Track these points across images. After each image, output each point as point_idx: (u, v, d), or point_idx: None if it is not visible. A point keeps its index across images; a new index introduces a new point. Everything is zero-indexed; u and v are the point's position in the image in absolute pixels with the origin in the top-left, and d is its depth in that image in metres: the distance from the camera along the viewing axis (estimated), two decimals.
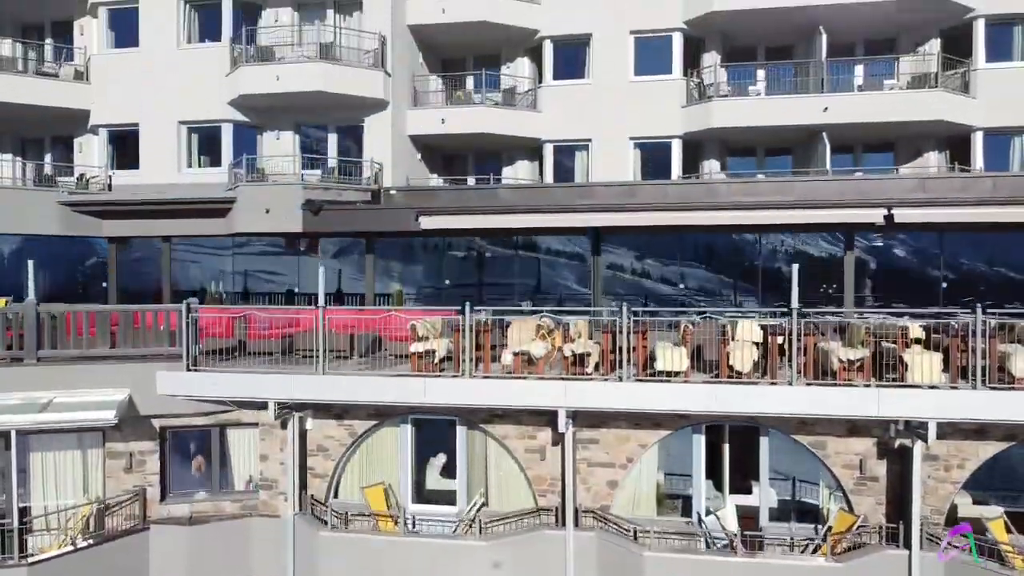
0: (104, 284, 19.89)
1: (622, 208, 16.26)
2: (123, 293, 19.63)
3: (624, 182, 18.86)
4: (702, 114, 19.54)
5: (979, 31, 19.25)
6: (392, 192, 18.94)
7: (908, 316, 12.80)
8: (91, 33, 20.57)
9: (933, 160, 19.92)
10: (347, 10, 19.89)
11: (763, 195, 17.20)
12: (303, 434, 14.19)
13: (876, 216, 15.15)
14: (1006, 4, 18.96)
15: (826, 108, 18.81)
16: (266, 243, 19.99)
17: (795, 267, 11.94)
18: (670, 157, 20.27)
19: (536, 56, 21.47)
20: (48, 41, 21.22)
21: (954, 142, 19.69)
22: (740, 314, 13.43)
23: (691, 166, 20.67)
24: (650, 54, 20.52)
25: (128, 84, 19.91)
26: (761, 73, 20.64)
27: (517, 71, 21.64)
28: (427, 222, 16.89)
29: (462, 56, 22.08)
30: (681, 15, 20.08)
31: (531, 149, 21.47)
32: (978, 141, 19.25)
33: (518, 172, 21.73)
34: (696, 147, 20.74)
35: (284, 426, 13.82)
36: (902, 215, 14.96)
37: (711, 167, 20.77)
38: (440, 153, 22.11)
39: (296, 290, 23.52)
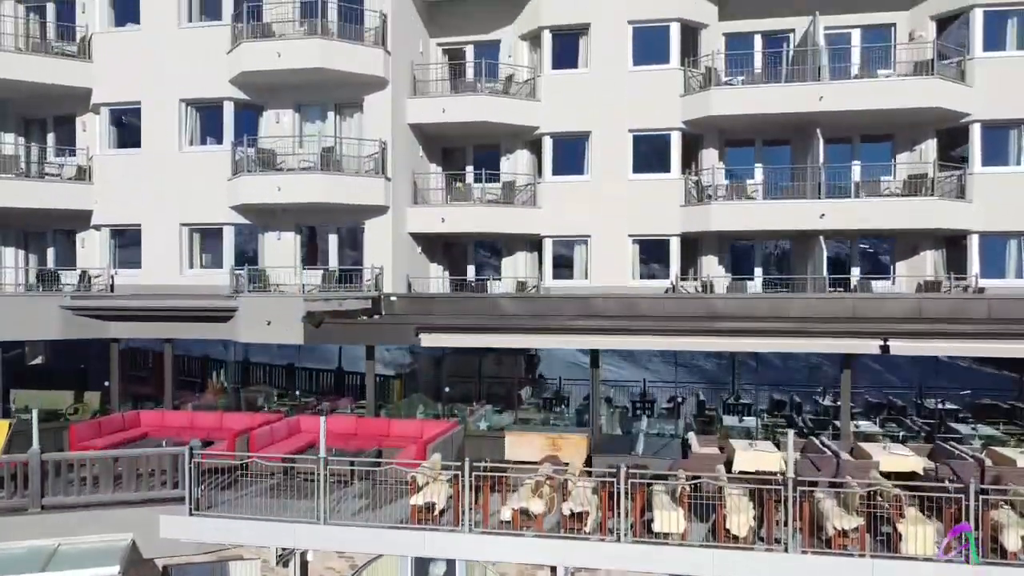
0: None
1: (620, 330, 16.37)
2: (128, 376, 19.67)
3: (624, 295, 18.98)
4: (702, 218, 19.69)
5: (975, 135, 19.40)
6: (393, 299, 19.09)
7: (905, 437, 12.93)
8: (93, 129, 20.69)
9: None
10: (348, 112, 20.02)
11: (759, 311, 17.37)
12: (304, 565, 14.34)
13: (872, 347, 15.28)
14: (1000, 110, 19.11)
15: (823, 215, 18.95)
16: None
17: (790, 434, 12.09)
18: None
19: (536, 148, 21.61)
20: (51, 142, 21.38)
21: (952, 239, 19.87)
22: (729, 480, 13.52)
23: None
24: (650, 151, 20.73)
25: (130, 183, 20.07)
26: (759, 174, 20.88)
27: (517, 162, 21.76)
28: (427, 339, 17.01)
29: (462, 145, 22.23)
30: (680, 116, 20.24)
31: (532, 243, 21.63)
32: (974, 243, 19.39)
33: (518, 268, 21.83)
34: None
35: (285, 565, 13.96)
36: (897, 347, 15.10)
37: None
38: (440, 241, 22.19)
39: (296, 364, 23.82)
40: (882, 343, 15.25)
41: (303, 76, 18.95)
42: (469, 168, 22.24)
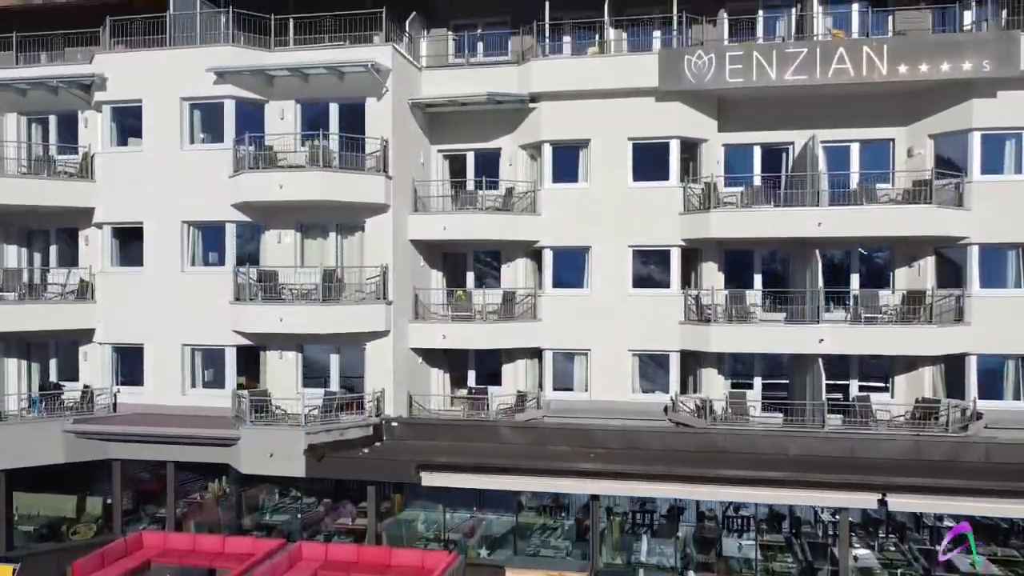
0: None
1: (619, 474, 16.49)
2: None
3: (624, 427, 19.08)
4: (703, 339, 19.80)
5: (973, 257, 19.52)
6: (394, 424, 19.20)
7: None
8: (96, 244, 20.79)
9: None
10: (349, 231, 20.12)
11: (760, 448, 17.48)
12: None
13: (870, 501, 15.41)
14: (998, 233, 19.23)
15: (822, 339, 19.07)
16: None
17: None
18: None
19: (536, 257, 21.70)
20: (53, 254, 21.48)
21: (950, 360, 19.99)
22: None
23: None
24: (650, 266, 20.86)
25: (133, 301, 20.19)
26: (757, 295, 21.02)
27: (517, 271, 21.84)
28: (428, 479, 17.14)
29: (463, 252, 22.32)
30: (680, 233, 20.36)
31: (533, 352, 21.77)
32: (971, 363, 19.50)
33: (518, 372, 21.93)
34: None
35: None
36: (896, 503, 15.22)
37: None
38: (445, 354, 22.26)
39: None
40: (880, 497, 15.39)
41: (305, 202, 19.04)
42: (470, 275, 22.35)
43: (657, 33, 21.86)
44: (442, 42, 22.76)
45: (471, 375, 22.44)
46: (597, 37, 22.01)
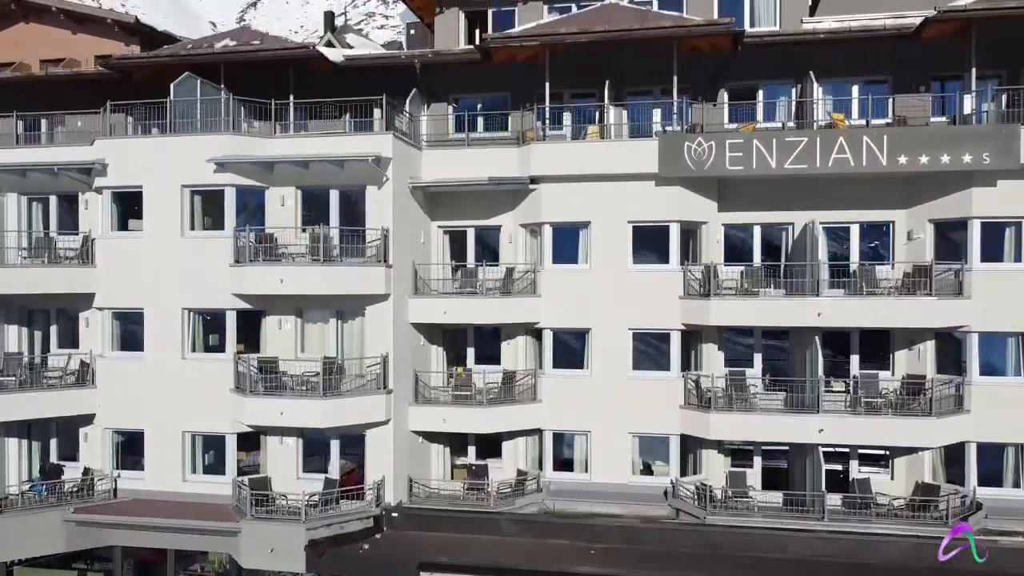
0: None
1: None
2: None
3: (623, 524, 19.08)
4: (702, 425, 19.83)
5: (973, 345, 19.54)
6: (394, 515, 19.22)
7: None
8: (96, 327, 20.82)
9: None
10: (350, 317, 20.14)
11: (759, 547, 17.49)
12: None
13: None
14: (998, 322, 19.25)
15: (821, 430, 19.09)
16: None
17: None
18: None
19: (537, 335, 21.68)
20: (54, 335, 21.53)
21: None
22: None
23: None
24: (649, 349, 20.91)
25: (132, 389, 20.22)
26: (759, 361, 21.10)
27: (517, 349, 21.86)
28: None
29: (463, 328, 22.32)
30: (680, 318, 20.38)
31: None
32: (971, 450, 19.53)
33: (518, 448, 21.93)
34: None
35: None
36: None
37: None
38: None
39: None
40: None
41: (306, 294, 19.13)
42: (471, 351, 22.38)
43: (657, 113, 21.95)
44: (442, 120, 22.77)
45: (471, 450, 22.42)
46: (597, 115, 22.04)
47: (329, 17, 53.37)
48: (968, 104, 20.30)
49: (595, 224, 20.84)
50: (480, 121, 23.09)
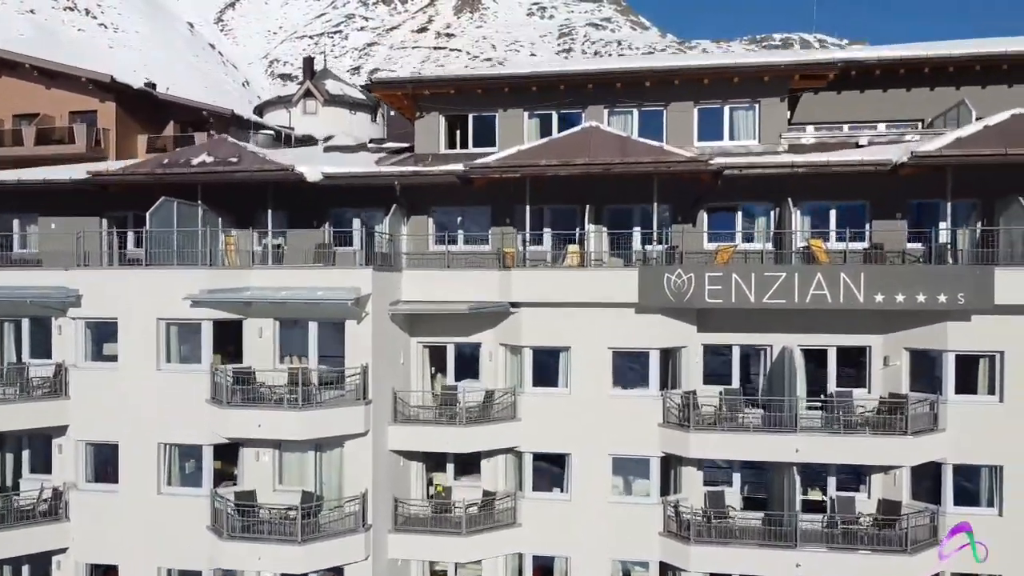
0: None
1: None
2: None
3: None
4: (682, 556, 19.91)
5: (947, 477, 19.77)
6: None
7: None
8: (68, 456, 20.53)
9: None
10: (329, 448, 19.98)
11: None
12: None
13: None
14: (971, 455, 19.48)
15: (798, 564, 19.24)
16: None
17: None
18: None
19: (517, 457, 21.64)
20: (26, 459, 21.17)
21: None
22: None
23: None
24: (629, 475, 20.98)
25: (108, 522, 19.97)
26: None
27: (497, 471, 21.80)
28: None
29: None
30: (659, 445, 20.43)
31: None
32: None
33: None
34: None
35: None
36: None
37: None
38: None
39: None
40: None
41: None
42: (450, 467, 22.31)
43: (637, 232, 22.03)
44: (423, 237, 22.68)
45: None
46: (578, 231, 22.03)
47: (308, 63, 53.15)
48: (944, 227, 20.65)
49: (575, 349, 20.84)
50: (460, 235, 23.04)
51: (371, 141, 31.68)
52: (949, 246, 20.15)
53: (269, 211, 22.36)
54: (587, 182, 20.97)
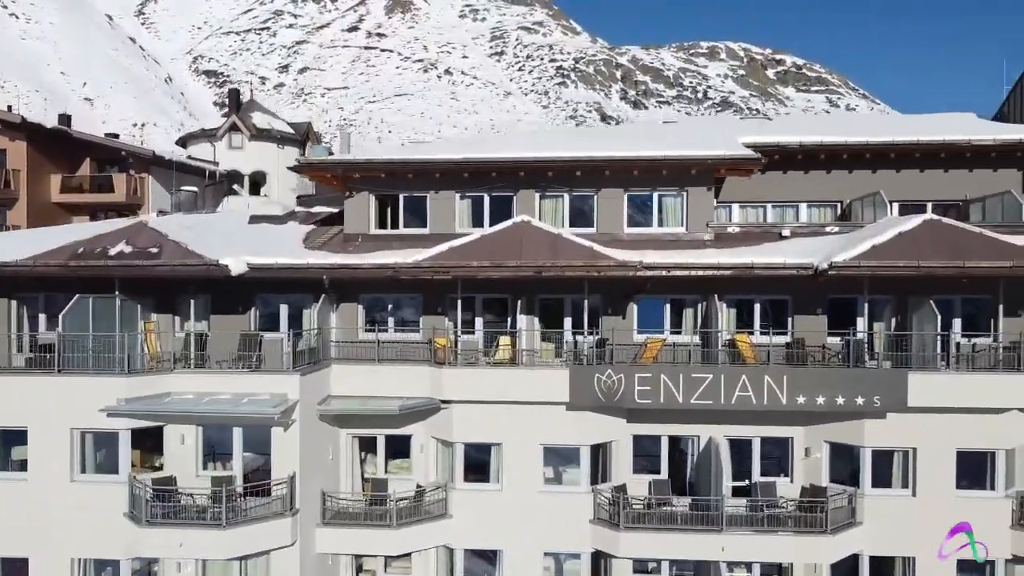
0: None
1: None
2: None
3: None
4: None
5: (864, 569, 20.55)
6: None
7: None
8: None
9: None
10: (256, 556, 19.46)
11: None
12: None
13: None
14: (887, 547, 20.29)
15: None
16: None
17: None
18: None
19: (449, 553, 21.57)
20: None
21: None
22: None
23: None
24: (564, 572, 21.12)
25: None
26: None
27: (428, 559, 21.69)
28: None
29: None
30: (591, 542, 20.61)
31: None
32: None
33: None
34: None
35: None
36: None
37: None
38: None
39: None
40: None
41: None
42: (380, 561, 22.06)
43: (568, 321, 22.18)
44: (352, 327, 22.33)
45: None
46: (510, 321, 22.06)
47: (234, 96, 51.80)
48: (860, 324, 21.46)
49: (507, 445, 20.86)
50: (391, 322, 22.78)
51: (299, 199, 30.86)
52: (866, 343, 20.92)
53: (192, 301, 21.72)
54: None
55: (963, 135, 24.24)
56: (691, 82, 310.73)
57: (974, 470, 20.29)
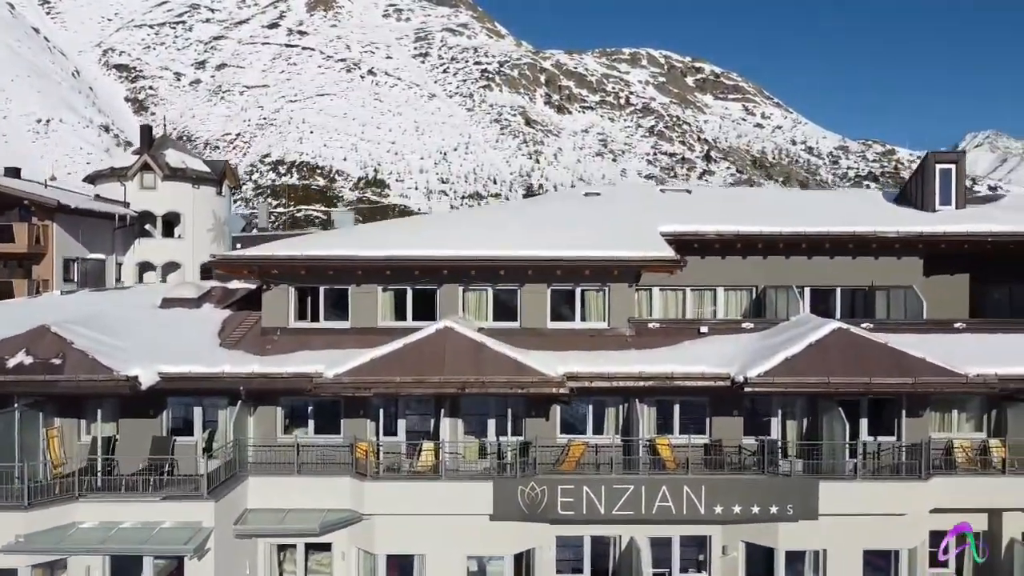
0: None
1: None
2: None
3: None
4: None
5: None
6: None
7: None
8: None
9: None
10: None
11: None
12: None
13: None
14: None
15: None
16: None
17: None
18: None
19: None
20: None
21: None
22: None
23: None
24: None
25: None
26: None
27: None
28: None
29: None
30: None
31: None
32: None
33: None
34: None
35: None
36: None
37: None
38: None
39: None
40: None
41: None
42: None
43: (492, 424, 22.16)
44: (270, 429, 21.76)
45: None
46: (432, 424, 21.90)
47: (146, 132, 49.83)
48: (775, 425, 22.18)
49: (430, 556, 20.67)
50: (311, 425, 22.29)
51: (216, 268, 29.37)
52: (779, 445, 21.61)
53: (99, 408, 20.80)
54: None
55: (870, 226, 25.39)
56: (614, 87, 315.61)
57: (880, 567, 21.22)
